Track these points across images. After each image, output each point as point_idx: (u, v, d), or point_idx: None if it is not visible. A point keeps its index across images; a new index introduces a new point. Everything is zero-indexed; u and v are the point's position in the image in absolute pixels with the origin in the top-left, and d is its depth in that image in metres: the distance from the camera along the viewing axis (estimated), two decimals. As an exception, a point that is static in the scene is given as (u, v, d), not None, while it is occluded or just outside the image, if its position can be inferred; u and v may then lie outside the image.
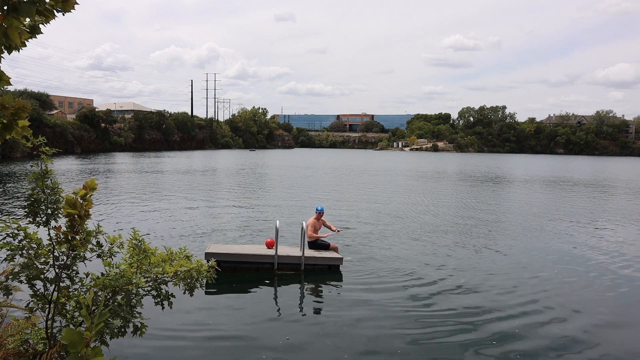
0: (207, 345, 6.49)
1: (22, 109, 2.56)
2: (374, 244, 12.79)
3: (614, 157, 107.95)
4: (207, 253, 9.77)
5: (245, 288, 9.10)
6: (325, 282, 9.55)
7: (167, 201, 20.00)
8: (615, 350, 6.63)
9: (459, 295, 8.80)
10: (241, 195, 23.14)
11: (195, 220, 15.61)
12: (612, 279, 10.04)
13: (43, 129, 58.68)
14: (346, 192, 25.61)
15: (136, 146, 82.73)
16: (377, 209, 19.15)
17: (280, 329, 7.14)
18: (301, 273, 9.95)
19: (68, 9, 2.48)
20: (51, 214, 3.88)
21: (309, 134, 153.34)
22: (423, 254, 11.89)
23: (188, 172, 37.41)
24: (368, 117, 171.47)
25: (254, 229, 14.63)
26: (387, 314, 7.75)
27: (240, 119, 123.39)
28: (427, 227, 15.47)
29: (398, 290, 9.01)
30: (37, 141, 3.77)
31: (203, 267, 4.21)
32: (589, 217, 18.49)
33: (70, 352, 1.81)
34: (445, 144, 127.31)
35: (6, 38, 2.28)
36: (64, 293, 3.94)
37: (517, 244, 13.23)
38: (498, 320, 7.59)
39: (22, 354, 3.72)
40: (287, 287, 9.29)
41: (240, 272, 9.88)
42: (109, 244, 4.13)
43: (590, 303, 8.55)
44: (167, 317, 6.84)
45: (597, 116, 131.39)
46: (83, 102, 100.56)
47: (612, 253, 12.40)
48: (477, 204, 21.78)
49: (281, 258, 10.03)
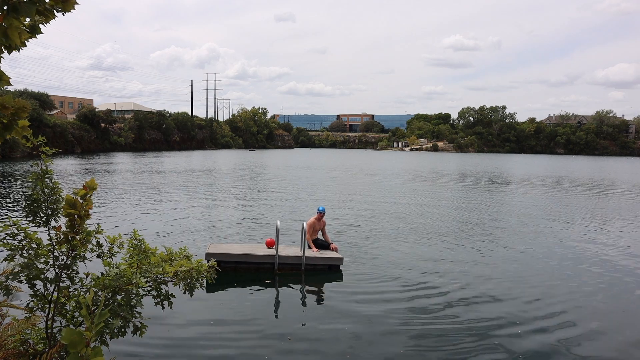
0: (208, 345, 6.49)
1: (22, 109, 2.56)
2: (374, 244, 12.78)
3: (614, 157, 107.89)
4: (208, 253, 9.72)
5: (246, 288, 9.08)
6: (326, 282, 9.55)
7: (167, 201, 20.00)
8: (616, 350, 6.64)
9: (460, 292, 8.82)
10: (240, 195, 23.13)
11: (194, 220, 15.60)
12: (621, 280, 10.06)
13: (43, 129, 58.69)
14: (345, 192, 25.61)
15: (136, 146, 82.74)
16: (377, 209, 19.15)
17: (281, 329, 7.13)
18: (302, 273, 9.93)
19: (68, 9, 2.48)
20: (51, 214, 3.88)
21: (309, 134, 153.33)
22: (424, 253, 11.89)
23: (187, 172, 37.40)
24: (368, 117, 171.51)
25: (253, 228, 14.62)
26: (387, 313, 7.75)
27: (240, 119, 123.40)
28: (428, 228, 15.46)
29: (398, 289, 9.01)
30: (37, 141, 3.77)
31: (203, 267, 4.21)
32: (599, 217, 18.50)
33: (70, 352, 1.81)
34: (445, 144, 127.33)
35: (6, 38, 2.27)
36: (64, 293, 3.94)
37: (523, 245, 13.23)
38: (499, 319, 7.58)
39: (22, 354, 3.72)
40: (288, 287, 9.27)
41: (241, 272, 9.86)
42: (109, 244, 4.14)
43: (596, 305, 8.56)
44: (168, 317, 6.84)
45: (597, 116, 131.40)
46: (83, 102, 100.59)
47: (620, 253, 12.42)
48: (477, 204, 21.78)
49: (282, 258, 10.01)
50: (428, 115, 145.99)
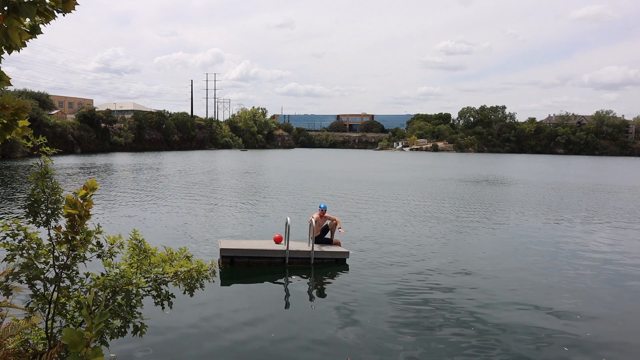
0: (223, 337, 6.62)
1: (22, 109, 2.57)
2: (379, 237, 13.05)
3: (614, 157, 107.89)
4: (222, 249, 10.35)
5: (260, 281, 9.67)
6: (334, 274, 10.09)
7: (166, 201, 20.01)
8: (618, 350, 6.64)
9: (462, 284, 8.94)
10: (239, 196, 23.14)
11: (193, 220, 15.63)
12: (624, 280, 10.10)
13: (43, 129, 58.70)
14: (349, 191, 25.60)
15: (136, 146, 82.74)
16: (382, 204, 19.14)
17: (293, 319, 7.47)
18: (311, 266, 10.57)
19: (68, 9, 2.48)
20: (51, 214, 3.88)
21: (309, 134, 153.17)
22: (427, 246, 12.06)
23: (187, 172, 37.40)
24: (368, 117, 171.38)
25: (255, 226, 14.79)
26: (393, 303, 8.15)
27: (240, 119, 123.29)
28: (433, 225, 15.47)
29: (402, 280, 9.48)
30: (37, 141, 3.77)
31: (203, 268, 4.21)
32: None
33: (71, 352, 1.82)
34: (445, 144, 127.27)
35: (6, 38, 2.28)
36: (64, 293, 3.94)
37: (525, 246, 13.24)
38: (500, 319, 7.58)
39: (22, 354, 3.72)
40: (299, 279, 9.89)
41: (253, 267, 10.47)
42: (109, 244, 4.14)
43: (599, 303, 8.57)
44: (177, 313, 6.85)
45: (597, 116, 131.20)
46: (83, 102, 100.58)
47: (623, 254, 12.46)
48: (484, 201, 21.77)
49: (292, 253, 10.62)
50: (428, 115, 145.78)
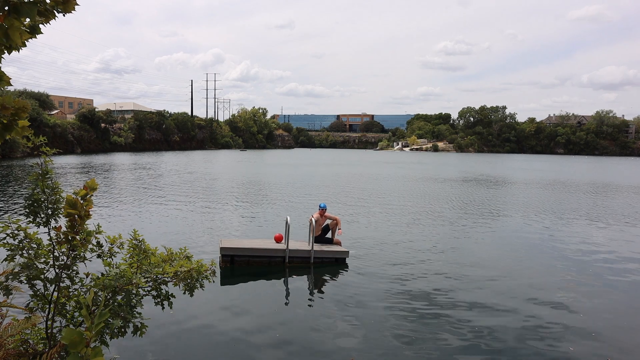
0: (223, 337, 6.64)
1: (22, 109, 2.56)
2: (378, 237, 13.13)
3: (614, 157, 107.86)
4: (223, 247, 10.36)
5: (260, 280, 9.65)
6: (334, 274, 10.11)
7: (166, 200, 20.01)
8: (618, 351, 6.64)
9: (461, 283, 8.95)
10: (239, 196, 23.14)
11: (194, 219, 15.63)
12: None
13: (43, 129, 58.68)
14: (350, 189, 25.60)
15: (136, 146, 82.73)
16: (381, 205, 19.14)
17: (293, 318, 7.50)
18: (311, 265, 10.58)
19: (69, 9, 2.48)
20: (51, 214, 3.88)
21: (309, 134, 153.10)
22: (425, 245, 12.11)
23: (186, 172, 37.40)
24: (368, 117, 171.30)
25: (255, 225, 14.83)
26: (393, 302, 8.21)
27: (240, 119, 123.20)
28: (434, 225, 15.47)
29: (403, 280, 9.51)
30: (37, 141, 3.77)
31: (203, 268, 4.21)
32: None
33: (71, 352, 1.81)
34: (446, 144, 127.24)
35: (7, 38, 2.28)
36: (64, 293, 3.94)
37: (526, 245, 13.24)
38: (504, 318, 7.59)
39: (22, 354, 3.72)
40: (299, 278, 9.94)
41: (254, 266, 10.48)
42: (109, 244, 4.13)
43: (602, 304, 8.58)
44: (178, 312, 6.85)
45: (597, 116, 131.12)
46: (83, 102, 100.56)
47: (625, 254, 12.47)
48: (484, 201, 21.78)
49: (292, 252, 10.64)
50: (428, 116, 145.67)
